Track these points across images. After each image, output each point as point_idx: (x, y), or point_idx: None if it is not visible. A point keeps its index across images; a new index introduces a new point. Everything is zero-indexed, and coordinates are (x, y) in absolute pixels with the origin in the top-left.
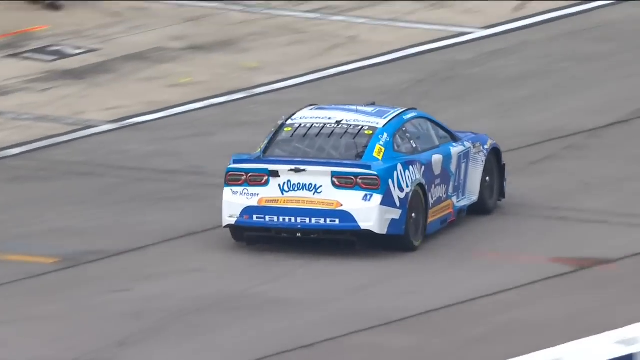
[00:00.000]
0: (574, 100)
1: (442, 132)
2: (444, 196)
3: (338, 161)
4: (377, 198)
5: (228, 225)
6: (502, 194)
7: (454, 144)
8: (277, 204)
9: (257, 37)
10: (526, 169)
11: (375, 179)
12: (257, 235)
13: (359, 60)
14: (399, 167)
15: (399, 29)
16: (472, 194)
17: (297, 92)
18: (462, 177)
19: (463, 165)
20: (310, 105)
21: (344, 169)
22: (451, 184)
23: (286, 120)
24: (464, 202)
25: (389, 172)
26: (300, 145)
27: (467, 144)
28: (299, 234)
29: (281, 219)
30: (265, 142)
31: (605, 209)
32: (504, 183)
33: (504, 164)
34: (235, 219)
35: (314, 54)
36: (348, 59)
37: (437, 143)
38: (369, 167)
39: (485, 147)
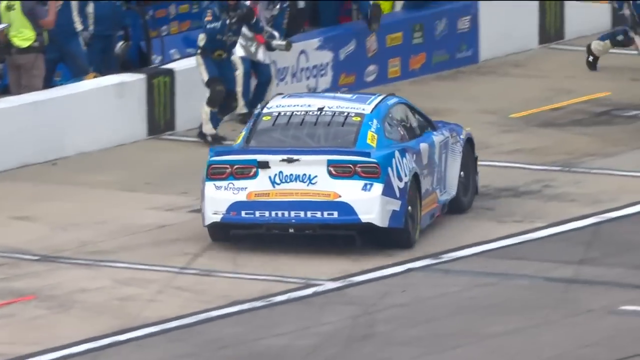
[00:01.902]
0: None
1: (422, 120)
2: (431, 188)
3: (334, 149)
4: (378, 187)
5: (212, 224)
6: (475, 189)
7: (435, 133)
8: (268, 197)
9: None
10: None
11: (376, 166)
12: (244, 233)
13: None
14: (397, 154)
15: None
16: (452, 188)
17: None
18: (443, 169)
19: (443, 156)
20: (280, 94)
21: (341, 157)
22: (435, 175)
23: (262, 109)
24: (446, 197)
25: (388, 160)
26: (285, 134)
27: (446, 133)
28: (291, 230)
29: (273, 213)
30: (245, 132)
31: None
32: (477, 177)
33: (477, 157)
34: (221, 216)
35: None
36: None
37: (419, 131)
38: (368, 155)
39: (461, 137)
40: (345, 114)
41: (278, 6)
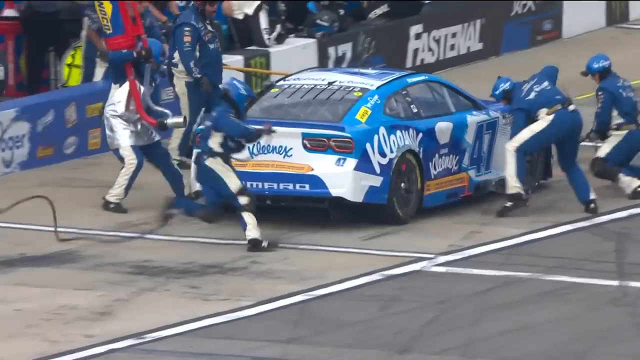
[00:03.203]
0: None
1: (463, 100)
2: (455, 167)
3: (310, 122)
4: (351, 162)
5: (197, 192)
6: (547, 172)
7: (474, 113)
8: (245, 167)
9: None
10: None
11: (349, 141)
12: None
13: None
14: (382, 130)
15: None
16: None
17: None
18: (484, 150)
19: (487, 137)
20: (312, 68)
21: (315, 131)
22: (467, 155)
23: (277, 82)
24: (487, 177)
25: (367, 136)
26: (280, 106)
27: (494, 114)
28: (268, 201)
29: (249, 184)
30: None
31: None
32: (551, 160)
33: None
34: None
35: None
36: None
37: (451, 110)
38: (342, 129)
39: None
40: (351, 88)
41: (153, 84)
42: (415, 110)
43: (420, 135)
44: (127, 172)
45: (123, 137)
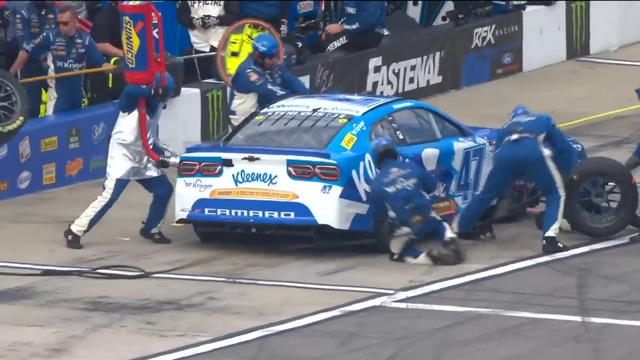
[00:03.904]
0: None
1: (449, 126)
2: (442, 195)
3: (295, 149)
4: (337, 190)
5: (181, 220)
6: (534, 200)
7: (461, 139)
8: (229, 195)
9: None
10: None
11: (334, 168)
12: (211, 232)
13: None
14: (368, 157)
15: None
16: None
17: None
18: (471, 176)
19: (473, 163)
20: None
21: (300, 157)
22: (454, 182)
23: (261, 109)
24: None
25: (352, 163)
26: (265, 134)
27: (481, 140)
28: (253, 229)
29: (233, 212)
30: (231, 130)
31: None
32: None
33: None
34: (187, 213)
35: None
36: None
37: (438, 136)
38: (327, 156)
39: None
40: (336, 115)
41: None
42: (401, 136)
43: (405, 161)
44: (98, 205)
45: (117, 169)
